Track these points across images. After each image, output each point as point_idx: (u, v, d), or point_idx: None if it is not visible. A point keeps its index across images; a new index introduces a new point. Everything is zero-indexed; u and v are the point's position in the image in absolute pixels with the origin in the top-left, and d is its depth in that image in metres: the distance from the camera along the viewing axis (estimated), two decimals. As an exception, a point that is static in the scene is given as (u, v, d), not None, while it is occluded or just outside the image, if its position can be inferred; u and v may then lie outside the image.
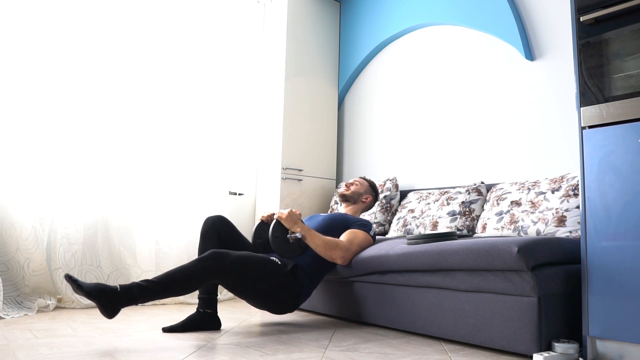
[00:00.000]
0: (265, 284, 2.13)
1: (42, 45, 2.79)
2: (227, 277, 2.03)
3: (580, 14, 1.78)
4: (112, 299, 1.81)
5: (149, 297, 1.88)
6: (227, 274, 2.01)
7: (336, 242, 2.29)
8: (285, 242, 2.25)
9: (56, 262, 2.74)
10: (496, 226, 2.42)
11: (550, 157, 2.61)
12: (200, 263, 1.96)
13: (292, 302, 2.23)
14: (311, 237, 2.25)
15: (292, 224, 2.25)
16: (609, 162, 1.67)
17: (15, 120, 2.67)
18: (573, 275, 1.83)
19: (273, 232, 2.24)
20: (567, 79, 2.57)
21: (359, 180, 2.79)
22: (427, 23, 3.32)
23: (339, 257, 2.27)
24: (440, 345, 1.95)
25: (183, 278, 1.93)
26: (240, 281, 2.08)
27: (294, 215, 2.27)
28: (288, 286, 2.17)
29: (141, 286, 1.86)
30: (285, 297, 2.20)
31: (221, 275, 2.00)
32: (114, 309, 1.82)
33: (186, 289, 1.96)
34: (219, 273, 1.98)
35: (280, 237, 2.24)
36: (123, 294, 1.83)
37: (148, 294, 1.87)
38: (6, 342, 1.80)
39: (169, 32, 3.29)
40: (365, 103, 3.75)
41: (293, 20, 3.62)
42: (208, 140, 3.41)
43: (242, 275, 2.05)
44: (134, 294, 1.84)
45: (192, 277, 1.94)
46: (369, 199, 2.76)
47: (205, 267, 1.96)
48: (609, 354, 1.65)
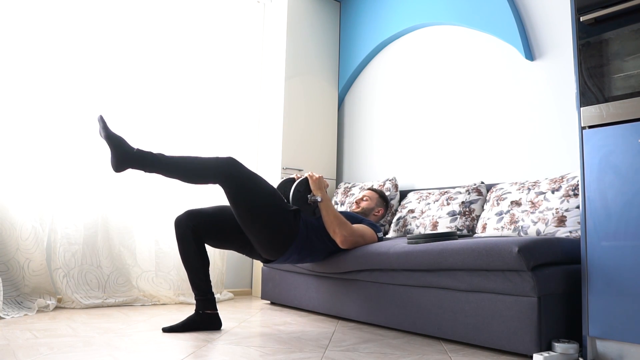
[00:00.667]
0: (263, 209, 2.13)
1: (42, 45, 2.79)
2: (233, 183, 2.08)
3: (580, 14, 1.78)
4: (126, 153, 1.94)
5: (157, 169, 1.98)
6: (236, 181, 2.07)
7: (345, 221, 2.33)
8: (304, 200, 2.29)
9: (56, 262, 2.74)
10: (496, 226, 2.42)
11: (550, 157, 2.61)
12: (215, 162, 2.06)
13: (281, 245, 2.19)
14: (327, 206, 2.29)
15: (318, 188, 2.29)
16: (609, 162, 1.67)
17: (15, 120, 2.67)
18: (573, 275, 1.83)
19: (297, 186, 2.28)
20: (567, 79, 2.57)
21: (369, 195, 2.81)
22: (427, 23, 3.33)
23: (341, 235, 2.29)
24: (440, 345, 1.95)
25: (194, 166, 2.04)
26: (244, 194, 2.11)
27: (322, 181, 2.33)
28: (285, 224, 2.18)
29: (155, 156, 1.98)
30: (277, 235, 2.17)
31: (230, 178, 2.06)
32: (123, 164, 1.94)
33: (192, 177, 2.06)
34: (228, 176, 2.06)
35: (302, 193, 2.29)
36: (137, 155, 1.96)
37: (157, 166, 1.98)
38: (6, 342, 1.80)
39: (169, 32, 3.29)
40: (365, 103, 3.75)
41: (293, 20, 3.62)
42: (208, 140, 3.41)
43: (247, 189, 2.10)
44: (146, 161, 1.96)
45: (204, 169, 2.04)
46: (381, 212, 2.82)
47: (218, 166, 2.05)
48: (609, 354, 1.65)
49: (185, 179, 2.06)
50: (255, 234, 2.18)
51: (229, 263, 3.47)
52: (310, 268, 2.60)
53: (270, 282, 3.02)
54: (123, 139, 1.96)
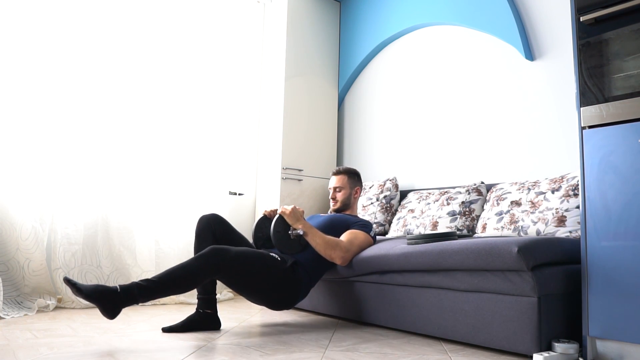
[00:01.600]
0: (264, 280, 2.12)
1: (42, 46, 2.79)
2: (227, 273, 2.03)
3: (580, 14, 1.78)
4: (113, 299, 1.80)
5: (150, 296, 1.87)
6: (227, 270, 2.01)
7: (336, 241, 2.29)
8: (286, 237, 2.26)
9: (56, 262, 2.73)
10: (496, 226, 2.42)
11: (550, 157, 2.61)
12: (200, 260, 1.96)
13: (291, 299, 2.22)
14: (312, 235, 2.25)
15: (295, 220, 2.25)
16: (609, 162, 1.67)
17: (15, 120, 2.67)
18: (573, 275, 1.83)
19: (275, 227, 2.24)
20: (567, 79, 2.57)
21: (340, 183, 2.62)
22: (427, 23, 3.32)
23: (339, 257, 2.27)
24: (440, 345, 1.95)
25: (183, 276, 1.92)
26: (240, 277, 2.07)
27: (297, 212, 2.28)
28: (287, 282, 2.17)
29: (141, 286, 1.85)
30: (283, 293, 2.19)
31: (221, 271, 2.00)
32: (115, 310, 1.82)
33: (187, 287, 1.95)
34: (219, 269, 1.98)
35: (282, 233, 2.25)
36: (123, 295, 1.82)
37: (148, 294, 1.86)
38: (6, 342, 1.80)
39: (169, 33, 3.29)
40: (365, 103, 3.75)
41: (293, 20, 3.62)
42: (208, 140, 3.41)
43: (241, 271, 2.05)
44: (134, 294, 1.83)
45: (193, 274, 1.94)
46: (359, 191, 2.66)
47: (205, 263, 1.95)
48: (609, 354, 1.65)
49: (180, 291, 1.95)
50: (268, 305, 2.24)
51: (229, 263, 3.46)
52: (310, 268, 2.60)
53: (270, 282, 3.02)
54: (101, 287, 1.81)
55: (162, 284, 1.89)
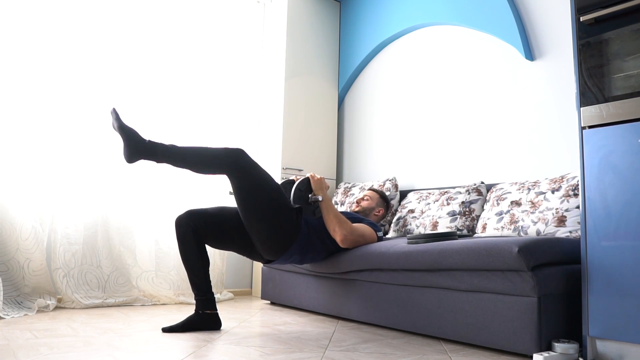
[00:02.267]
0: (269, 203, 2.15)
1: (42, 45, 2.79)
2: (241, 175, 2.12)
3: (580, 14, 1.78)
4: (138, 144, 2.00)
5: (168, 159, 2.03)
6: (242, 169, 2.11)
7: (345, 220, 2.34)
8: (305, 198, 2.31)
9: (56, 262, 2.74)
10: (496, 226, 2.42)
11: (550, 157, 2.61)
12: (224, 152, 2.10)
13: (284, 241, 2.19)
14: (328, 205, 2.31)
15: (319, 188, 2.32)
16: (609, 162, 1.67)
17: (15, 120, 2.67)
18: (573, 275, 1.83)
19: (299, 185, 2.30)
20: (567, 79, 2.57)
21: (370, 194, 2.82)
22: (427, 23, 3.33)
23: (341, 233, 2.29)
24: (440, 345, 1.95)
25: (204, 156, 2.09)
26: (250, 187, 2.13)
27: (323, 182, 2.35)
28: (288, 221, 2.19)
29: (166, 147, 2.04)
30: (280, 230, 2.17)
31: (238, 168, 2.11)
32: (135, 156, 2.01)
33: (203, 166, 2.11)
34: (235, 167, 2.10)
35: (303, 192, 2.31)
36: (149, 146, 2.01)
37: (168, 156, 2.03)
38: (6, 342, 1.80)
39: (169, 32, 3.29)
40: (365, 103, 3.75)
41: (293, 20, 3.62)
42: (208, 140, 3.40)
43: (254, 182, 2.13)
44: (157, 152, 2.02)
45: (213, 159, 2.09)
46: (382, 212, 2.83)
47: (227, 156, 2.09)
48: (609, 354, 1.65)
49: (194, 168, 2.11)
50: (258, 230, 2.17)
51: (229, 263, 3.47)
52: (310, 268, 2.60)
53: (270, 282, 3.02)
54: (135, 131, 2.02)
55: (183, 154, 2.06)
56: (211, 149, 2.12)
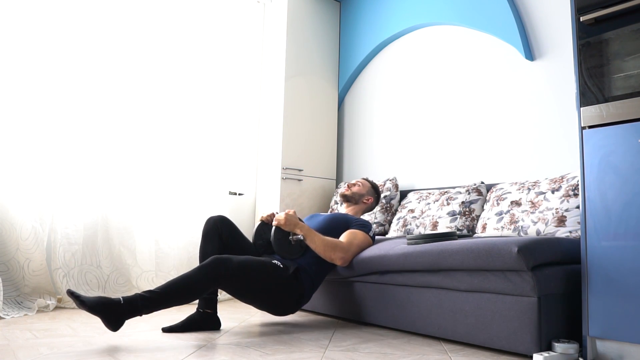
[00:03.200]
0: (267, 288, 2.13)
1: (42, 45, 2.79)
2: (229, 283, 2.03)
3: (580, 14, 1.78)
4: (116, 312, 1.80)
5: (153, 308, 1.87)
6: (230, 280, 2.01)
7: (335, 243, 2.28)
8: (287, 243, 2.26)
9: (56, 262, 2.73)
10: (496, 226, 2.42)
11: (550, 157, 2.61)
12: (203, 271, 1.95)
13: (295, 304, 2.23)
14: (311, 237, 2.26)
15: (293, 226, 2.25)
16: (609, 162, 1.67)
17: (15, 120, 2.67)
18: (573, 275, 1.83)
19: (275, 235, 2.24)
20: (567, 79, 2.57)
21: (361, 181, 2.79)
22: (427, 23, 3.32)
23: (339, 258, 2.27)
24: (440, 345, 1.95)
25: (186, 287, 1.92)
26: (243, 286, 2.08)
27: (292, 218, 2.26)
28: (290, 289, 2.18)
29: (144, 297, 1.85)
30: (287, 300, 2.20)
31: (224, 281, 2.00)
32: (118, 322, 1.82)
33: (189, 298, 1.96)
34: (221, 280, 1.98)
35: (282, 240, 2.25)
36: (126, 307, 1.82)
37: (151, 305, 1.86)
38: (6, 342, 1.80)
39: (169, 32, 3.28)
40: (365, 103, 3.75)
41: (293, 20, 3.62)
42: (208, 140, 3.40)
43: (244, 281, 2.05)
44: (137, 306, 1.83)
45: (195, 285, 1.94)
46: (370, 200, 2.76)
47: (207, 274, 1.95)
48: (609, 354, 1.65)
49: (183, 301, 1.95)
50: (272, 312, 2.26)
51: (229, 263, 3.46)
52: (310, 268, 2.60)
53: (270, 282, 3.02)
54: (104, 299, 1.82)
55: (165, 295, 1.88)
56: (188, 275, 1.94)
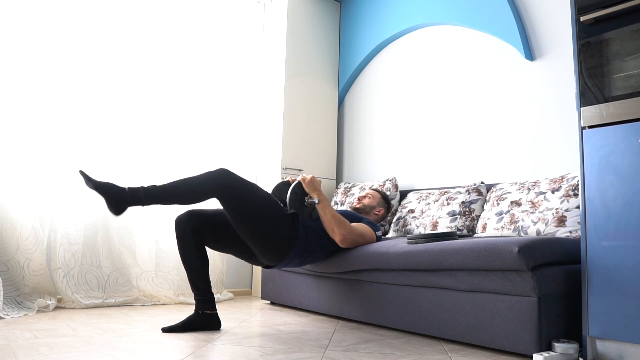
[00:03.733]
0: (263, 215, 2.13)
1: (42, 45, 2.79)
2: (229, 195, 2.06)
3: (580, 14, 1.78)
4: (120, 196, 1.91)
5: (154, 200, 1.96)
6: (231, 191, 2.05)
7: (343, 220, 2.32)
8: (301, 202, 2.29)
9: (56, 262, 2.74)
10: (496, 226, 2.42)
11: (550, 157, 2.61)
12: (208, 176, 2.04)
13: (283, 248, 2.18)
14: (324, 206, 2.29)
15: (313, 189, 2.29)
16: (609, 162, 1.67)
17: (15, 120, 2.67)
18: (573, 275, 1.83)
19: (294, 189, 2.27)
20: (567, 79, 2.57)
21: (372, 193, 2.82)
22: (427, 23, 3.32)
23: (340, 233, 2.28)
24: (440, 345, 1.95)
25: (188, 188, 2.01)
26: (241, 205, 2.09)
27: (315, 182, 2.32)
28: (284, 228, 2.18)
29: (147, 189, 1.95)
30: (277, 240, 2.17)
31: (225, 190, 2.04)
32: (121, 206, 1.91)
33: (189, 198, 2.03)
34: (223, 189, 2.03)
35: (298, 196, 2.28)
36: (130, 194, 1.92)
37: (153, 197, 1.95)
38: (6, 342, 1.80)
39: (168, 32, 3.29)
40: (365, 103, 3.75)
41: (293, 20, 3.62)
42: (208, 140, 3.41)
43: (244, 196, 2.08)
44: (140, 196, 1.93)
45: (197, 188, 2.01)
46: (382, 212, 2.81)
47: (212, 180, 2.03)
48: (609, 354, 1.65)
49: (182, 201, 2.03)
50: (255, 242, 2.18)
51: (229, 263, 3.47)
52: (311, 268, 2.60)
53: (270, 282, 3.02)
54: (111, 184, 1.94)
55: (167, 190, 1.98)
56: (194, 177, 2.05)
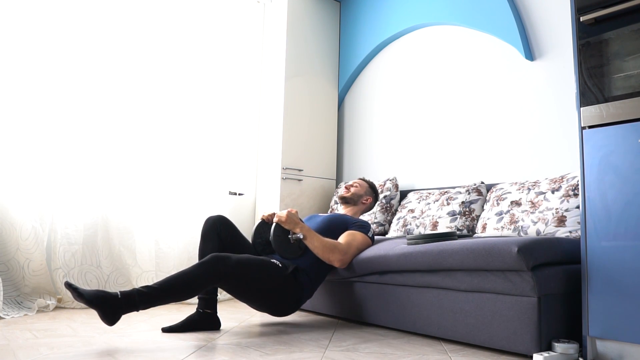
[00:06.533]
0: (266, 287, 2.13)
1: (42, 45, 2.79)
2: (228, 281, 2.03)
3: (580, 14, 1.78)
4: (113, 306, 1.80)
5: (150, 303, 1.86)
6: (228, 278, 2.01)
7: (334, 244, 2.27)
8: (286, 242, 2.25)
9: (56, 262, 2.74)
10: (496, 226, 2.42)
11: (550, 157, 2.61)
12: (201, 267, 1.95)
13: (293, 304, 2.23)
14: (310, 238, 2.25)
15: (293, 225, 2.25)
16: (609, 162, 1.67)
17: (15, 120, 2.67)
18: (573, 275, 1.83)
19: (275, 232, 2.23)
20: (567, 79, 2.57)
21: (359, 182, 2.79)
22: (427, 23, 3.32)
23: (337, 260, 2.26)
24: (440, 345, 1.95)
25: (184, 283, 1.91)
26: (241, 284, 2.08)
27: (293, 217, 2.26)
28: (289, 288, 2.17)
29: (142, 292, 1.84)
30: (286, 300, 2.20)
31: (222, 279, 1.99)
32: (115, 316, 1.81)
33: (187, 294, 1.95)
34: (220, 277, 1.98)
35: (281, 237, 2.24)
36: (124, 301, 1.81)
37: (149, 300, 1.85)
38: (6, 342, 1.80)
39: (169, 33, 3.28)
40: (365, 103, 3.75)
41: (293, 20, 3.62)
42: (208, 140, 3.41)
43: (243, 279, 2.05)
44: (135, 301, 1.83)
45: (193, 282, 1.93)
46: (369, 201, 2.76)
47: (206, 271, 1.94)
48: (609, 354, 1.65)
49: (180, 299, 1.95)
50: (270, 312, 2.26)
51: (229, 263, 3.46)
52: (310, 268, 2.60)
53: (270, 282, 3.02)
54: (102, 292, 1.81)
55: (163, 291, 1.88)
56: (186, 271, 1.94)
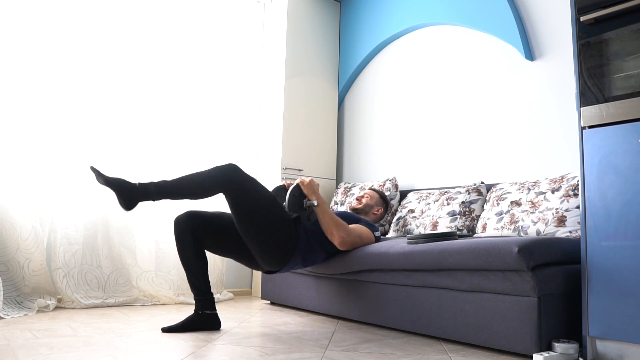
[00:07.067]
0: (266, 215, 2.14)
1: (42, 45, 2.79)
2: (235, 191, 2.09)
3: (580, 14, 1.79)
4: (131, 191, 1.96)
5: (164, 194, 2.01)
6: (237, 186, 2.08)
7: (342, 222, 2.32)
8: (299, 204, 2.29)
9: (56, 262, 2.74)
10: (496, 226, 2.42)
11: (550, 157, 2.61)
12: (217, 170, 2.08)
13: (283, 254, 2.18)
14: (323, 208, 2.29)
15: (311, 192, 2.30)
16: (609, 162, 1.67)
17: (15, 120, 2.67)
18: (573, 275, 1.83)
19: (292, 191, 2.28)
20: (567, 79, 2.57)
21: (370, 193, 2.84)
22: (427, 23, 3.32)
23: (339, 236, 2.27)
24: (440, 345, 1.95)
25: (197, 182, 2.05)
26: (245, 199, 2.11)
27: (314, 184, 2.32)
28: (286, 231, 2.17)
29: (157, 185, 2.00)
30: (278, 240, 2.16)
31: (232, 185, 2.08)
32: (132, 201, 1.96)
33: (198, 193, 2.07)
34: (231, 183, 2.07)
35: (297, 198, 2.29)
36: (141, 189, 1.98)
37: (163, 192, 2.00)
38: (6, 342, 1.80)
39: (169, 32, 3.28)
40: (365, 103, 3.75)
41: (293, 20, 3.62)
42: (208, 140, 3.40)
43: (249, 194, 2.11)
44: (151, 191, 1.98)
45: (206, 181, 2.05)
46: (380, 211, 2.83)
47: (222, 173, 2.07)
48: (609, 354, 1.65)
49: (192, 196, 2.08)
50: (257, 244, 2.16)
51: (229, 263, 3.47)
52: (311, 269, 2.60)
53: (270, 282, 3.02)
54: (122, 179, 1.99)
55: (176, 186, 2.03)
56: (202, 172, 2.09)
